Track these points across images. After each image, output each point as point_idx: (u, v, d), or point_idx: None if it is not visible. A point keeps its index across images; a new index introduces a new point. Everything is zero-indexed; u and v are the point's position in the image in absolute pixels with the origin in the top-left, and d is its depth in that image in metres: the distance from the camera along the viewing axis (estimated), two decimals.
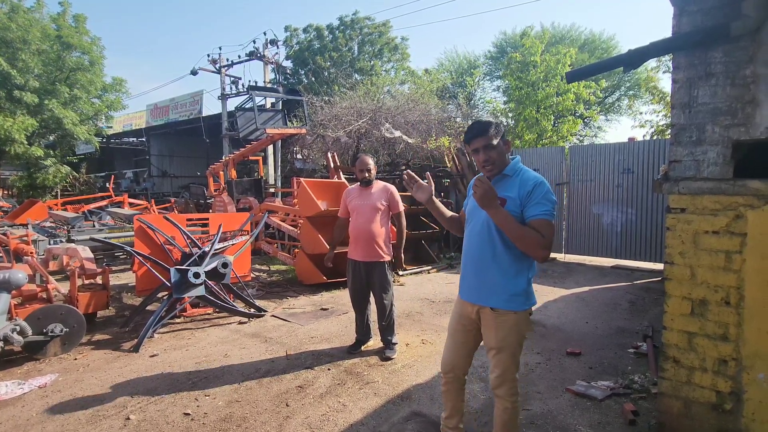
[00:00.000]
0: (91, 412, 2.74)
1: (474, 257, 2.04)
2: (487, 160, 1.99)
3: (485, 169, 2.02)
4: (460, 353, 2.16)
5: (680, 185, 2.29)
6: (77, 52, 15.84)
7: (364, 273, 3.63)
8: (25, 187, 16.39)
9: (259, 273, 6.95)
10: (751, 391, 2.11)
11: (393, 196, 3.71)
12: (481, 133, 1.99)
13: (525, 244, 1.84)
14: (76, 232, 7.47)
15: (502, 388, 2.00)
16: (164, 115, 23.09)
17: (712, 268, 2.20)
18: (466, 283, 2.10)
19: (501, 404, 2.03)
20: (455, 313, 2.19)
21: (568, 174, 8.35)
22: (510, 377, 2.00)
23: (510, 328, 1.96)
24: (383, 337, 3.73)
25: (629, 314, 4.87)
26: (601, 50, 19.82)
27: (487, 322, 2.01)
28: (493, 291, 1.97)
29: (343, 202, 3.81)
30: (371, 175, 3.66)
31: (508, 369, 1.99)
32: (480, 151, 1.99)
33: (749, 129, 2.10)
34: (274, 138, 10.42)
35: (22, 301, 3.80)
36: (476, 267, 2.03)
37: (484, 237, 1.99)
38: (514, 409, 2.02)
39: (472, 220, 2.07)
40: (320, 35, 20.87)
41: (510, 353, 1.97)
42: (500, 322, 1.96)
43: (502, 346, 1.97)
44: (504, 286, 1.95)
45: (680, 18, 2.29)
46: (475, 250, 2.04)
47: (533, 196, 1.88)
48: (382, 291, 3.63)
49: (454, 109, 15.76)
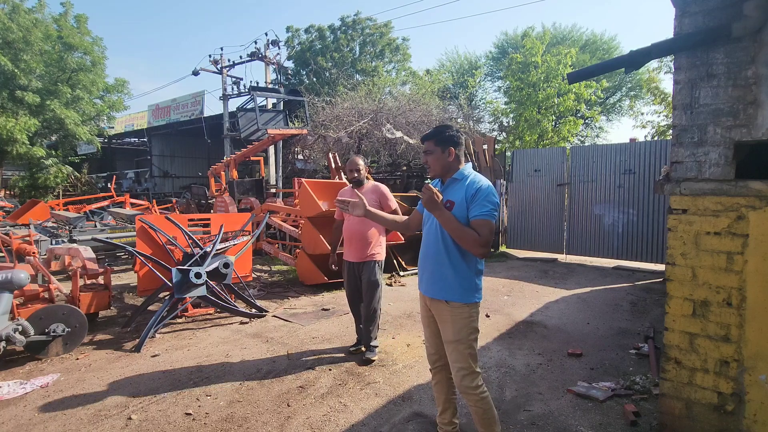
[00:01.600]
0: (93, 412, 2.75)
1: (429, 254, 2.17)
2: (426, 163, 2.22)
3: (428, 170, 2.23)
4: (438, 342, 2.25)
5: (682, 186, 2.29)
6: (79, 52, 15.88)
7: (357, 273, 3.62)
8: (26, 188, 16.44)
9: (260, 273, 6.96)
10: (752, 393, 2.11)
11: (384, 194, 3.70)
12: (428, 137, 2.20)
13: (464, 243, 1.98)
14: (77, 232, 7.48)
15: (466, 380, 2.05)
16: (166, 116, 23.13)
17: (714, 269, 2.19)
18: (423, 277, 2.22)
19: (471, 399, 2.07)
20: (421, 307, 2.32)
21: (569, 175, 8.35)
22: (471, 369, 2.06)
23: (464, 320, 2.06)
24: (365, 340, 3.63)
25: (630, 315, 4.86)
26: (603, 51, 19.82)
27: (442, 316, 2.12)
28: (446, 285, 2.08)
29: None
30: (361, 175, 3.67)
31: (468, 361, 2.06)
32: (424, 153, 2.22)
33: (751, 130, 2.10)
34: (276, 138, 10.42)
35: (24, 301, 3.81)
36: (431, 263, 2.15)
37: (438, 236, 2.12)
38: (484, 400, 2.07)
39: (428, 220, 2.21)
40: (322, 36, 20.89)
41: (468, 344, 2.06)
42: (455, 314, 2.07)
43: (459, 339, 2.06)
44: (456, 281, 2.07)
45: (682, 19, 2.29)
46: (430, 247, 2.17)
47: (476, 199, 2.01)
48: (370, 291, 3.57)
49: (456, 109, 15.76)
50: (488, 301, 5.40)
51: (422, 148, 2.22)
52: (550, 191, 8.61)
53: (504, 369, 3.40)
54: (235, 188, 10.09)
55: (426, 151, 2.18)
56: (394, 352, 3.73)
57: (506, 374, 3.31)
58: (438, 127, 2.21)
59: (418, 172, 11.65)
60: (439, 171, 2.17)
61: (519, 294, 5.77)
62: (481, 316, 4.92)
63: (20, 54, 14.20)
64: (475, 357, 2.08)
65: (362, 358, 3.55)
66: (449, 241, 2.07)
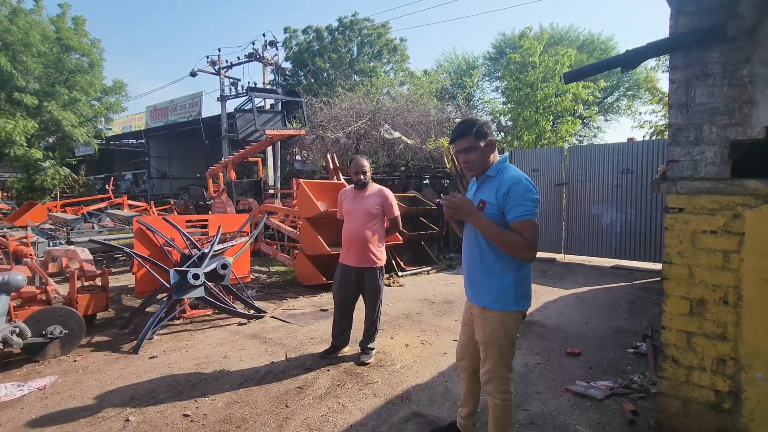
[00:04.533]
0: (91, 414, 2.74)
1: (467, 258, 2.12)
2: (467, 162, 2.03)
3: (466, 170, 2.07)
4: (468, 344, 2.25)
5: (678, 185, 2.30)
6: (77, 54, 15.85)
7: (355, 278, 3.52)
8: (24, 189, 16.40)
9: (258, 274, 6.95)
10: (749, 391, 2.11)
11: (387, 199, 3.57)
12: (462, 134, 2.00)
13: (508, 248, 1.88)
14: (75, 234, 7.47)
15: (491, 384, 2.04)
16: (164, 117, 23.11)
17: (711, 268, 2.20)
18: (466, 283, 2.18)
19: (491, 401, 2.07)
20: (464, 308, 2.29)
21: (567, 174, 8.36)
22: (498, 374, 2.02)
23: (495, 326, 1.99)
24: (364, 343, 3.61)
25: (629, 314, 4.87)
26: (600, 51, 19.85)
27: (476, 319, 2.09)
28: (481, 290, 2.04)
29: (339, 204, 3.71)
30: (366, 177, 3.55)
31: (496, 365, 2.02)
32: (461, 152, 2.02)
33: (746, 129, 2.11)
34: (274, 139, 10.43)
35: (21, 303, 3.79)
36: (468, 267, 2.11)
37: (472, 239, 2.05)
38: (504, 407, 2.05)
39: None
40: (320, 36, 20.89)
41: (497, 349, 2.00)
42: (485, 318, 2.02)
43: (489, 342, 2.01)
44: (489, 286, 2.00)
45: (677, 18, 2.30)
46: (467, 251, 2.11)
47: (510, 198, 1.88)
48: (374, 297, 3.54)
49: (454, 109, 15.78)
50: None
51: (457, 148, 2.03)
52: (549, 191, 8.62)
53: None
54: (234, 189, 10.09)
55: (467, 149, 1.99)
56: (393, 353, 3.73)
57: None
58: (466, 121, 2.04)
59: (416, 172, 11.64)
60: (483, 167, 2.01)
61: None
62: None
63: (18, 55, 14.18)
64: (506, 364, 2.03)
65: (358, 360, 3.52)
66: (483, 244, 1.98)
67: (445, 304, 5.24)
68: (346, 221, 3.58)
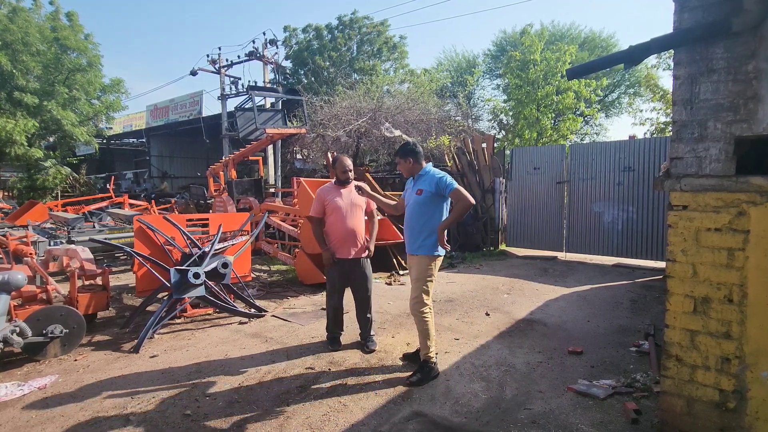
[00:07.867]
0: (91, 413, 2.73)
1: (407, 225, 3.27)
2: (400, 170, 3.43)
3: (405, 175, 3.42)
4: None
5: (682, 182, 2.28)
6: (74, 52, 15.83)
7: (348, 270, 3.72)
8: (25, 189, 16.39)
9: (259, 273, 6.94)
10: (754, 389, 2.09)
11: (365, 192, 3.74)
12: (398, 155, 3.41)
13: (463, 214, 3.16)
14: (76, 233, 7.45)
15: (413, 306, 3.18)
16: (164, 116, 23.11)
17: (715, 266, 2.18)
18: (406, 240, 3.30)
19: (415, 319, 3.20)
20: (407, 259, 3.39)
21: (568, 172, 8.33)
22: (420, 299, 3.14)
23: (419, 266, 3.16)
24: (365, 331, 3.81)
25: (631, 312, 4.85)
26: (601, 48, 19.81)
27: (410, 263, 3.28)
28: (413, 243, 3.21)
29: (320, 201, 3.74)
30: (352, 175, 3.87)
31: (419, 294, 3.14)
32: (400, 165, 3.38)
33: (752, 125, 2.09)
34: (274, 138, 10.41)
35: (21, 303, 3.78)
36: (408, 230, 3.26)
37: (411, 213, 3.25)
38: (422, 320, 3.14)
39: (407, 203, 3.33)
40: (319, 35, 20.87)
41: (422, 283, 3.15)
42: (414, 261, 3.20)
43: (417, 278, 3.17)
44: (417, 240, 3.17)
45: (681, 14, 2.27)
46: (407, 221, 3.28)
47: (440, 184, 3.13)
48: (366, 282, 3.77)
49: (454, 108, 15.74)
50: (488, 299, 5.39)
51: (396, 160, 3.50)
52: (550, 189, 8.59)
53: (504, 367, 3.39)
54: (234, 188, 10.07)
55: (402, 164, 3.35)
56: (394, 351, 3.72)
57: (506, 373, 3.30)
58: (403, 146, 3.37)
59: None
60: (414, 172, 3.33)
61: (519, 292, 5.76)
62: (480, 314, 4.90)
63: (18, 55, 14.17)
64: (426, 293, 3.15)
65: (365, 348, 3.70)
66: (417, 216, 3.19)
67: (446, 303, 5.23)
68: (338, 217, 3.69)
